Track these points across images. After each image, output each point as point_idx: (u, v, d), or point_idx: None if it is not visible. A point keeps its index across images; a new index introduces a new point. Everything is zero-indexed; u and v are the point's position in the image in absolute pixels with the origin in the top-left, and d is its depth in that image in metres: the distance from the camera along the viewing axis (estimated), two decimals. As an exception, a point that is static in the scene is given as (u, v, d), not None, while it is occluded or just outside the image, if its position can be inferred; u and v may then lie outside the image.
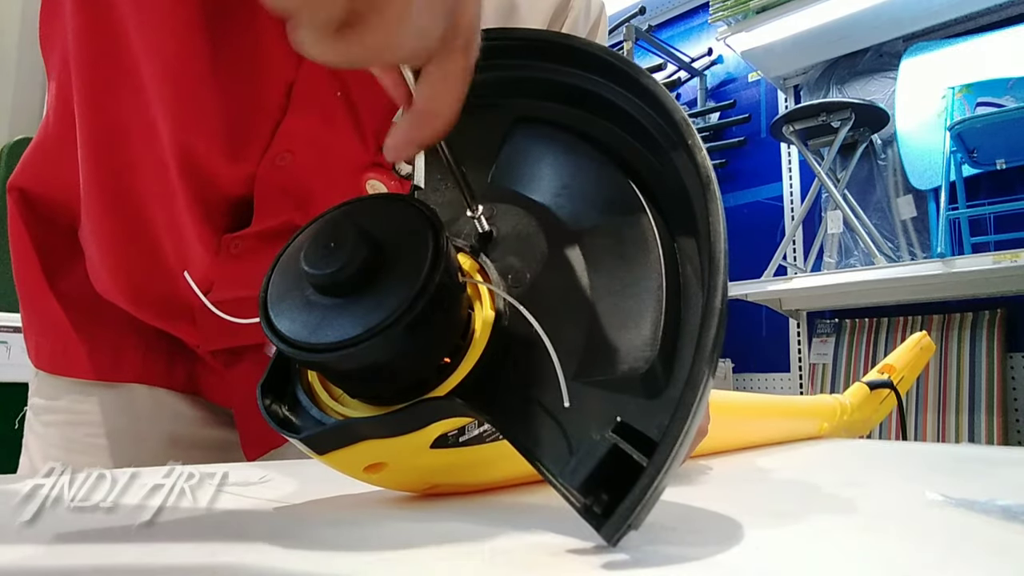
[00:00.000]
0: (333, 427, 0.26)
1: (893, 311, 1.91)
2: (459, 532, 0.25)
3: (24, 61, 2.18)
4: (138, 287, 0.48)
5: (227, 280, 0.46)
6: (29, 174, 0.51)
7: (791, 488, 0.40)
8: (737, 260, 2.12)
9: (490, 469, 0.33)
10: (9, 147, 1.51)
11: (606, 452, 0.23)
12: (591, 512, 0.22)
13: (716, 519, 0.28)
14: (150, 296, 0.49)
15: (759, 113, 2.30)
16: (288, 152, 0.45)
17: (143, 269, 0.48)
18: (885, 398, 0.87)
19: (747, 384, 2.21)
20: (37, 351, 0.52)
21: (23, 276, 0.51)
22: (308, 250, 0.23)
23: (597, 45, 0.29)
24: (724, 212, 0.23)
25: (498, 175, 0.30)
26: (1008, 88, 1.67)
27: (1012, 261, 1.42)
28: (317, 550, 0.22)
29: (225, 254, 0.46)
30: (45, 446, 0.51)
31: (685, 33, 2.54)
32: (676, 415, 0.21)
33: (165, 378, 0.52)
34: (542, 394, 0.25)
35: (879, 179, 1.96)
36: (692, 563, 0.21)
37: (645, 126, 0.27)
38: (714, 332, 0.22)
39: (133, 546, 0.22)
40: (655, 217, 0.27)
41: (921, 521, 0.28)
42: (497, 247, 0.29)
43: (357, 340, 0.22)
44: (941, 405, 1.72)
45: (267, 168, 0.45)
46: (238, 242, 0.46)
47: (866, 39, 1.99)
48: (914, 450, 0.62)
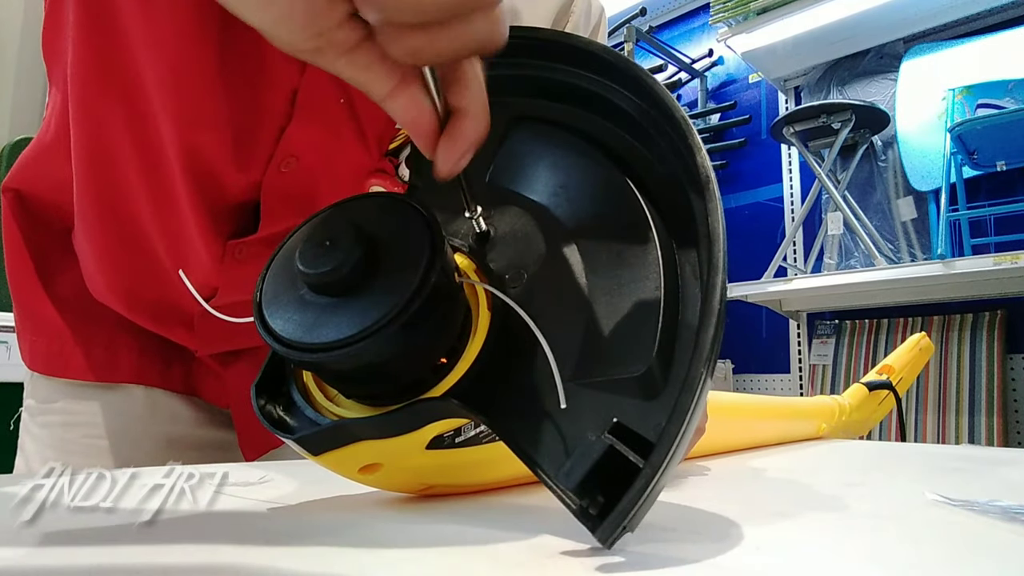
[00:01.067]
0: (328, 428, 0.26)
1: (893, 312, 1.91)
2: (455, 533, 0.25)
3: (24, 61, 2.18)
4: (133, 293, 0.48)
5: (231, 285, 0.46)
6: (24, 176, 0.50)
7: (790, 488, 0.40)
8: (737, 261, 2.12)
9: (486, 470, 0.33)
10: (9, 147, 1.51)
11: (602, 453, 0.22)
12: (587, 514, 0.22)
13: (715, 519, 0.28)
14: (145, 301, 0.49)
15: (760, 114, 2.30)
16: (292, 158, 0.45)
17: (138, 276, 0.48)
18: (884, 399, 0.87)
19: (747, 385, 2.21)
20: (31, 352, 0.51)
21: (16, 277, 0.51)
22: (303, 249, 0.23)
23: (597, 44, 0.28)
24: (723, 213, 0.23)
25: (496, 174, 0.30)
26: (1008, 90, 1.67)
27: (1012, 263, 1.42)
28: (316, 550, 0.22)
29: (230, 260, 0.46)
30: (41, 448, 0.50)
31: (686, 34, 2.54)
32: (673, 416, 0.21)
33: (162, 379, 0.52)
34: (538, 395, 0.25)
35: (879, 180, 1.96)
36: (691, 564, 0.21)
37: (644, 125, 0.27)
38: (712, 333, 0.21)
39: (133, 546, 0.22)
40: (653, 217, 0.26)
41: (921, 521, 0.28)
42: (494, 247, 0.29)
43: (352, 340, 0.22)
44: (941, 406, 1.72)
45: (272, 174, 0.45)
46: (243, 248, 0.46)
47: (867, 41, 1.99)
48: (914, 451, 0.62)
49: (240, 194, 0.46)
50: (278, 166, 0.45)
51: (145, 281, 0.48)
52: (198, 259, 0.46)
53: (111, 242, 0.47)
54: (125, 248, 0.47)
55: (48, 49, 0.46)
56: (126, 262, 0.47)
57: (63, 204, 0.48)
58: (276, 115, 0.44)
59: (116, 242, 0.47)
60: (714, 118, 2.37)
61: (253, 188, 0.46)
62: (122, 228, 0.46)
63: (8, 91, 2.17)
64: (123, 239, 0.46)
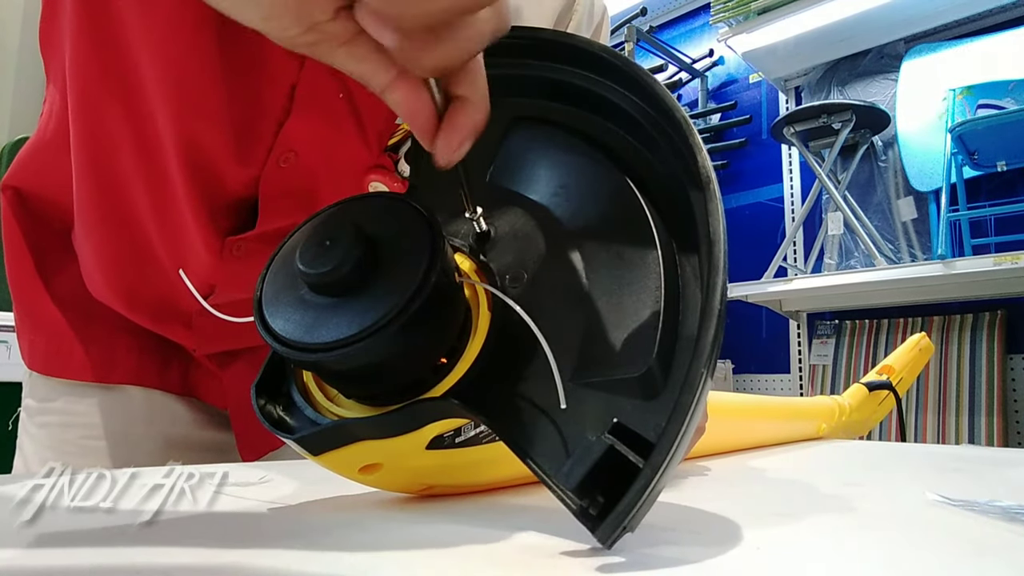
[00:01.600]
0: (328, 428, 0.26)
1: (893, 312, 1.91)
2: (455, 534, 0.25)
3: (24, 61, 2.18)
4: (132, 291, 0.48)
5: (229, 283, 0.46)
6: (24, 174, 0.50)
7: (790, 489, 0.40)
8: (737, 261, 2.12)
9: (486, 470, 0.33)
10: (9, 147, 1.51)
11: (602, 454, 0.22)
12: (587, 514, 0.22)
13: (715, 520, 0.28)
14: (144, 300, 0.49)
15: (760, 114, 2.30)
16: (292, 152, 0.45)
17: (137, 274, 0.48)
18: (884, 399, 0.87)
19: (747, 385, 2.21)
20: (31, 351, 0.51)
21: (16, 275, 0.51)
22: (303, 249, 0.23)
23: (596, 43, 0.28)
24: (724, 213, 0.23)
25: (496, 174, 0.30)
26: (1009, 90, 1.67)
27: (1013, 263, 1.42)
28: (316, 550, 0.22)
29: (228, 256, 0.46)
30: (39, 448, 0.50)
31: (686, 34, 2.54)
32: (673, 417, 0.21)
33: (160, 379, 0.52)
34: (538, 395, 0.25)
35: (880, 181, 1.96)
36: (691, 564, 0.21)
37: (644, 125, 0.27)
38: (712, 333, 0.21)
39: (133, 546, 0.22)
40: (654, 218, 0.26)
41: (921, 521, 0.28)
42: (495, 247, 0.29)
43: (352, 340, 0.22)
44: (941, 407, 1.72)
45: (271, 169, 0.45)
46: (241, 244, 0.46)
47: (867, 41, 1.99)
48: (914, 451, 0.62)
49: (239, 189, 0.45)
50: (277, 161, 0.45)
51: (144, 278, 0.47)
52: (197, 256, 0.46)
53: (110, 239, 0.47)
54: (124, 245, 0.47)
55: (45, 40, 0.46)
56: (125, 259, 0.47)
57: (62, 202, 0.48)
58: (275, 109, 0.44)
59: (115, 239, 0.47)
60: (714, 118, 2.37)
61: (252, 183, 0.45)
62: (121, 225, 0.46)
63: (8, 91, 2.17)
64: (122, 236, 0.46)
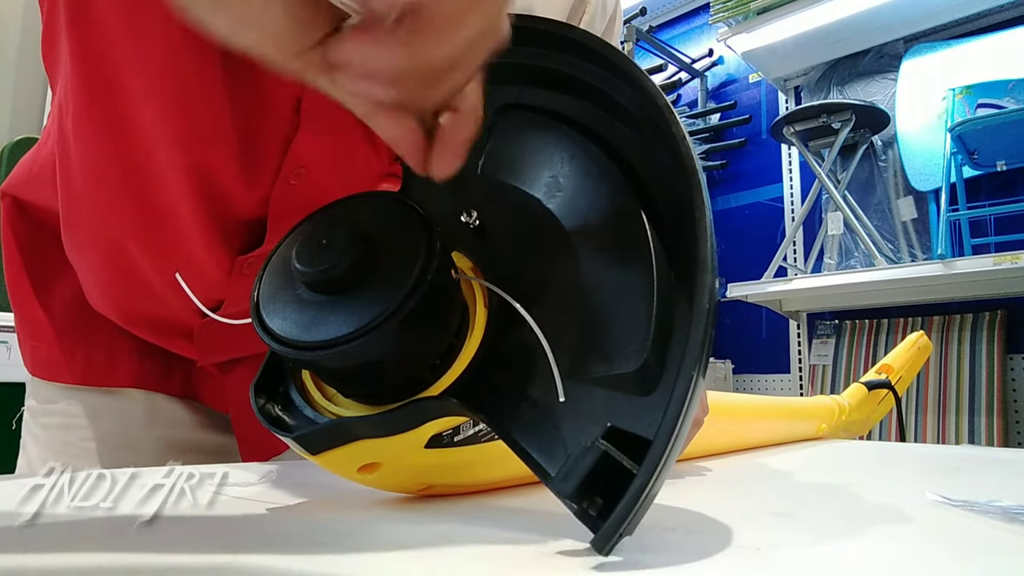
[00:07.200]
0: (326, 426, 0.26)
1: (893, 312, 1.91)
2: (455, 533, 0.25)
3: (24, 61, 2.18)
4: (128, 310, 0.48)
5: (237, 297, 0.46)
6: (22, 183, 0.50)
7: (790, 489, 0.40)
8: (737, 261, 2.13)
9: (485, 470, 0.33)
10: (9, 147, 1.51)
11: (597, 460, 0.22)
12: (586, 515, 0.22)
13: (715, 520, 0.28)
14: (142, 317, 0.48)
15: (760, 114, 2.30)
16: (302, 168, 0.44)
17: (133, 298, 0.47)
18: (883, 398, 0.87)
19: (747, 385, 2.21)
20: (33, 358, 0.51)
21: (14, 284, 0.50)
22: (300, 248, 0.23)
23: (579, 30, 0.28)
24: (710, 202, 0.23)
25: (488, 165, 0.30)
26: (1008, 90, 1.67)
27: (1012, 263, 1.42)
28: (316, 550, 0.22)
29: (238, 274, 0.46)
30: (42, 449, 0.50)
31: (686, 34, 2.54)
32: (664, 421, 0.21)
33: (161, 383, 0.51)
34: (537, 393, 0.25)
35: (879, 180, 1.96)
36: (691, 565, 0.21)
37: (630, 112, 0.27)
38: (702, 334, 0.21)
39: (133, 546, 0.22)
40: (645, 210, 0.26)
41: (921, 521, 0.28)
42: (490, 243, 0.29)
43: (349, 338, 0.22)
44: (941, 407, 1.72)
45: (282, 187, 0.44)
46: (253, 262, 0.46)
47: (867, 40, 1.99)
48: (914, 451, 0.62)
49: (249, 210, 0.45)
50: (287, 178, 0.44)
51: (140, 301, 0.47)
52: (202, 278, 0.45)
53: (103, 267, 0.46)
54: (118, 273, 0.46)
55: (47, 56, 0.45)
56: (120, 284, 0.47)
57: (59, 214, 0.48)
58: (282, 125, 0.43)
59: (108, 267, 0.46)
60: (714, 118, 2.37)
61: (261, 203, 0.45)
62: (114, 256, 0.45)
63: (8, 91, 2.17)
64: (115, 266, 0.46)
